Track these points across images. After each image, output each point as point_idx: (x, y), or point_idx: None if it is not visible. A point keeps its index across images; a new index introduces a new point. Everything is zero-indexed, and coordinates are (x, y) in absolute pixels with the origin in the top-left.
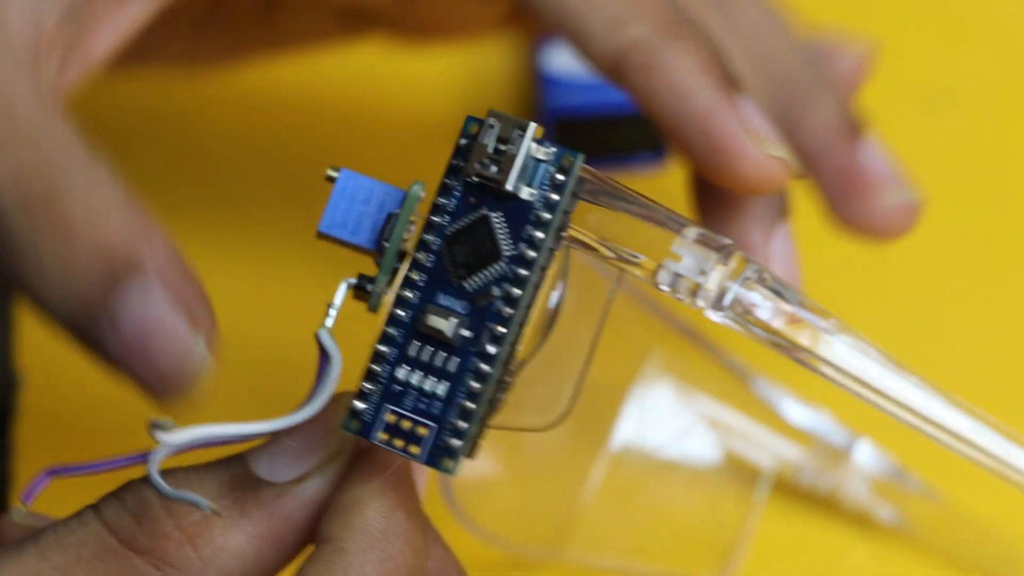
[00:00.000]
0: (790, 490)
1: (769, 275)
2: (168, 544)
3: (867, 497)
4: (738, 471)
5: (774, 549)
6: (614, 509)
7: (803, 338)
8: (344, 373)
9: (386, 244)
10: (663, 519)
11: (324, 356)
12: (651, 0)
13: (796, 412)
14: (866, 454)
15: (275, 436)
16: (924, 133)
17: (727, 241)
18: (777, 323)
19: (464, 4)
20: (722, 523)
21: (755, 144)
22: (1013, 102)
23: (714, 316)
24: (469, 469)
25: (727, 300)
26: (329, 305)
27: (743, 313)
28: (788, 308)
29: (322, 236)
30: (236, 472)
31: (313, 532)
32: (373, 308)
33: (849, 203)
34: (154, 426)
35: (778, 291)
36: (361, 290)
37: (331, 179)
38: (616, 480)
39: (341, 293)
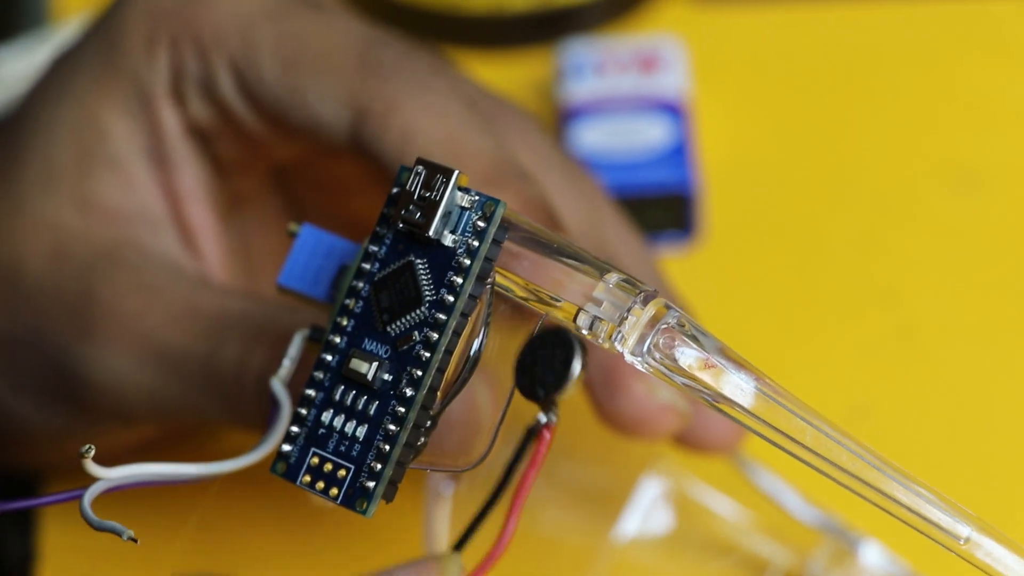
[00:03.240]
0: None
1: (689, 322)
2: None
3: None
4: (747, 566)
5: None
6: None
7: (723, 386)
8: None
9: (336, 294)
10: None
11: (274, 404)
12: (478, 155)
13: (803, 509)
14: (874, 555)
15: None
16: (949, 213)
17: (649, 288)
18: (697, 370)
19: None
20: None
21: (645, 387)
22: None
23: (633, 360)
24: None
25: (646, 345)
26: (284, 356)
27: (662, 360)
28: (707, 356)
29: (281, 288)
30: None
31: None
32: None
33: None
34: (83, 455)
35: (697, 338)
36: (316, 340)
37: (292, 234)
38: (622, 573)
39: (296, 344)
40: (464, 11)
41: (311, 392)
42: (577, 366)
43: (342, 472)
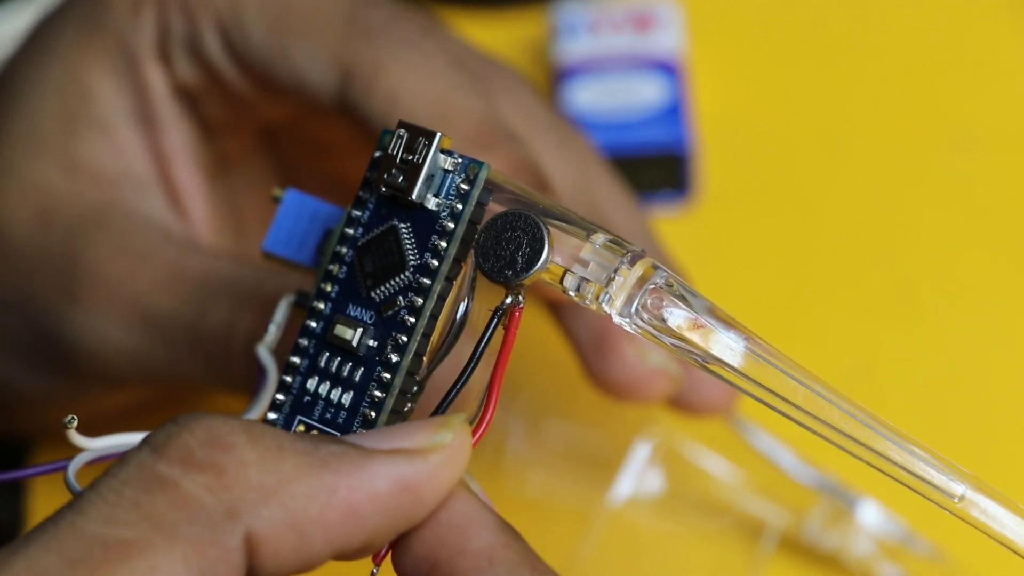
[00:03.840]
0: (795, 547)
1: (677, 282)
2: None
3: (873, 557)
4: (743, 527)
5: None
6: (616, 565)
7: (712, 346)
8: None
9: (321, 259)
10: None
11: (260, 371)
12: (467, 116)
13: (799, 469)
14: (871, 514)
15: None
16: (946, 171)
17: (636, 248)
18: (686, 330)
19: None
20: None
21: (636, 351)
22: None
23: (621, 322)
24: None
25: (634, 306)
26: (270, 322)
27: (650, 320)
28: (695, 316)
29: (266, 254)
30: (326, 440)
31: (380, 532)
32: None
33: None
34: (66, 425)
35: (686, 298)
36: (302, 306)
37: (276, 199)
38: (618, 535)
39: (282, 310)
40: None
41: (296, 359)
42: (547, 248)
43: None
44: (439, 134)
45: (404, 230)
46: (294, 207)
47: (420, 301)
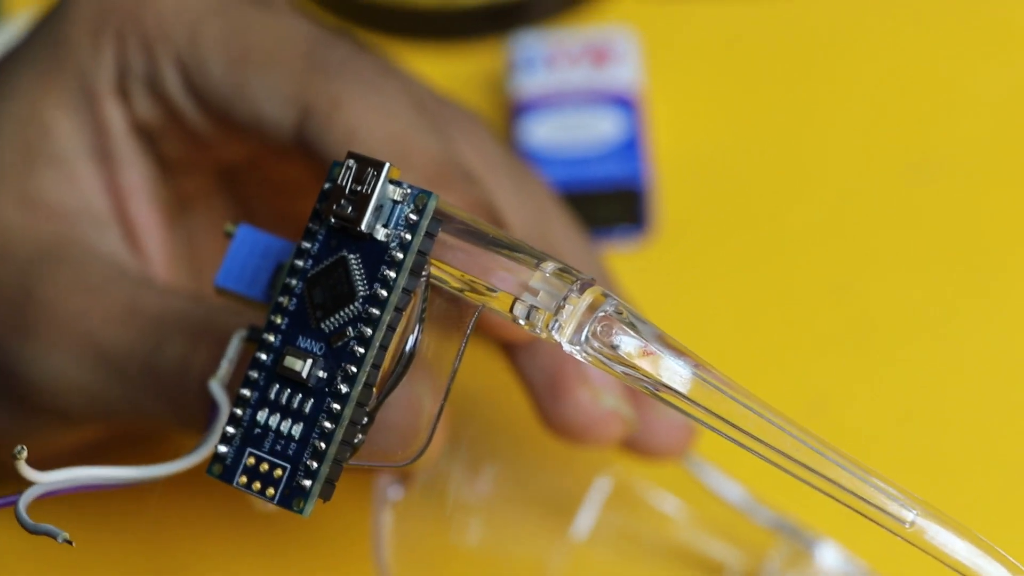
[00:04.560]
0: None
1: (627, 310)
2: None
3: None
4: (702, 569)
5: None
6: None
7: (662, 374)
8: None
9: (272, 293)
10: None
11: (213, 407)
12: (424, 154)
13: (757, 510)
14: (831, 555)
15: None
16: (905, 203)
17: (586, 276)
18: (636, 358)
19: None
20: None
21: (590, 394)
22: (993, 169)
23: (571, 350)
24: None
25: (583, 334)
26: (222, 358)
27: (600, 348)
28: (645, 344)
29: (219, 289)
30: None
31: None
32: None
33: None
34: (15, 456)
35: (635, 326)
36: (255, 341)
37: (229, 234)
38: (578, 570)
39: (234, 346)
40: (414, 4)
41: (246, 392)
42: None
43: (278, 472)
44: (388, 164)
45: (353, 261)
46: (247, 242)
47: (369, 332)
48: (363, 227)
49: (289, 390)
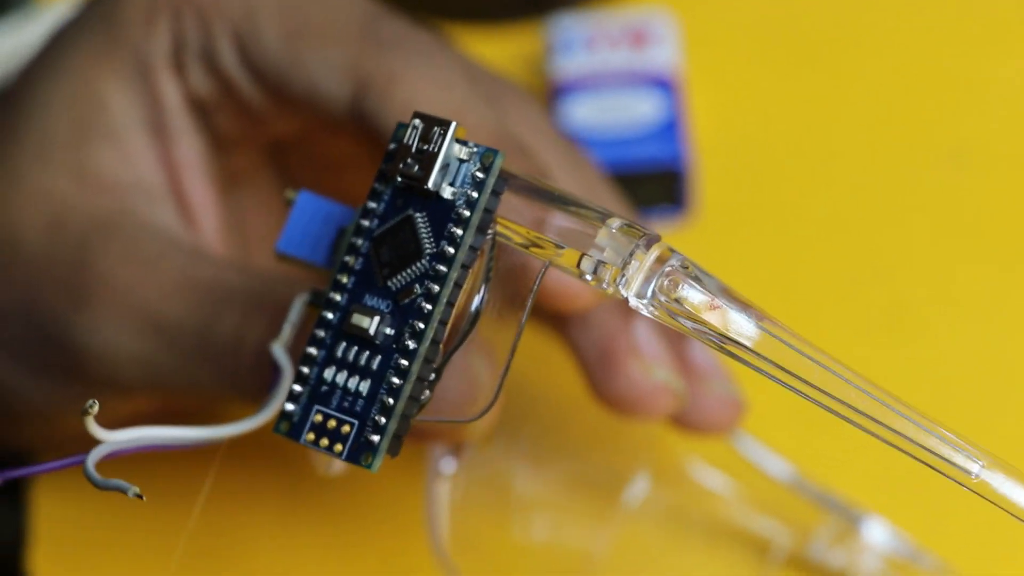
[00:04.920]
0: (802, 565)
1: (692, 264)
2: None
3: (880, 574)
4: (749, 546)
5: None
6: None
7: (729, 327)
8: None
9: (335, 257)
10: None
11: (275, 370)
12: (481, 126)
13: (804, 487)
14: (878, 531)
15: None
16: (941, 189)
17: (652, 232)
18: (703, 311)
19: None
20: None
21: (641, 367)
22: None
23: (638, 304)
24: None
25: (650, 288)
26: (284, 322)
27: (667, 302)
28: (711, 297)
29: (280, 255)
30: None
31: None
32: None
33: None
34: (86, 411)
35: (701, 279)
36: (316, 305)
37: (289, 201)
38: (623, 557)
39: (296, 309)
40: None
41: (313, 350)
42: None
43: (346, 428)
44: (454, 123)
45: (420, 219)
46: (307, 208)
47: (437, 288)
48: (430, 185)
49: (356, 348)
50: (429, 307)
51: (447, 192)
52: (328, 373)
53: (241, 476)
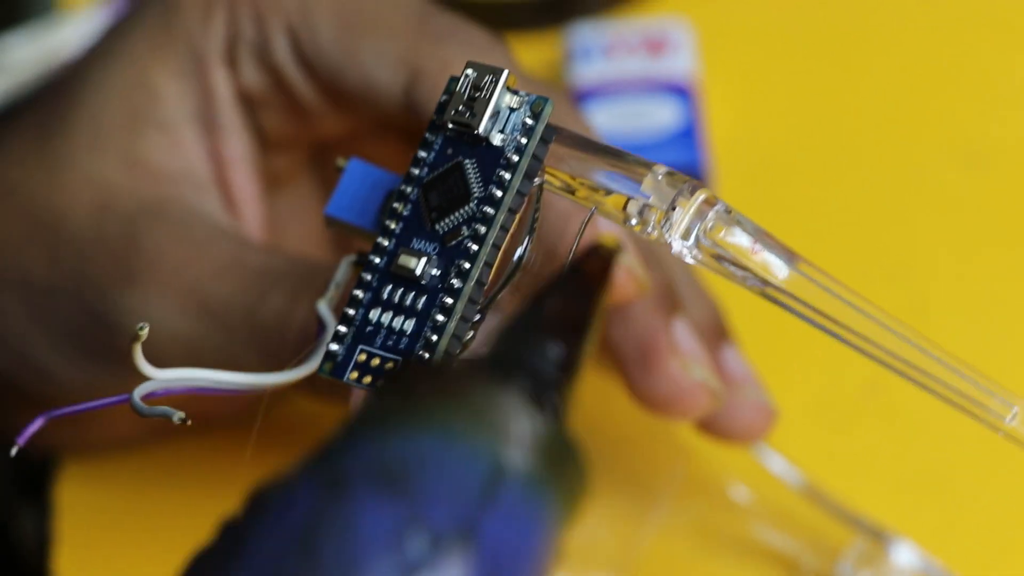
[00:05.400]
0: None
1: (735, 211)
2: None
3: None
4: (777, 565)
5: None
6: None
7: (771, 271)
8: None
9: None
10: None
11: (320, 325)
12: None
13: (832, 507)
14: (906, 554)
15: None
16: (958, 191)
17: (695, 180)
18: (747, 256)
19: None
20: None
21: (680, 365)
22: None
23: (682, 249)
24: None
25: (695, 232)
26: (330, 281)
27: (711, 247)
28: (755, 242)
29: (329, 219)
30: None
31: None
32: None
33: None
34: (136, 336)
35: (743, 225)
36: (362, 265)
37: (340, 168)
38: (655, 562)
39: (343, 270)
40: None
41: (359, 293)
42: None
43: (390, 365)
44: (506, 71)
45: (470, 165)
46: (357, 175)
47: (483, 230)
48: (480, 130)
49: (402, 289)
50: (475, 248)
51: (496, 139)
52: (373, 314)
53: (277, 434)
